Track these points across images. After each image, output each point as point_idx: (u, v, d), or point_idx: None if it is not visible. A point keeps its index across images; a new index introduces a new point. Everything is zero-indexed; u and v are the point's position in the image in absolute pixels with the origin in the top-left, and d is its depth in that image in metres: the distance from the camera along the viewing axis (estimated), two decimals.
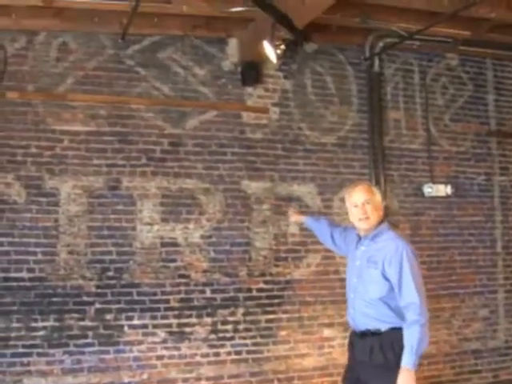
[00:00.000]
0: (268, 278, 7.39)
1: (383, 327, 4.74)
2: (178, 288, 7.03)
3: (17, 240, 6.56)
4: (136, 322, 6.86)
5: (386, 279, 4.71)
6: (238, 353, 7.21)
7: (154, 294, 6.95)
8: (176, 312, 7.01)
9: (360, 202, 4.88)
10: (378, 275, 4.74)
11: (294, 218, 6.54)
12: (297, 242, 7.49)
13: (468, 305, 8.32)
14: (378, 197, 4.96)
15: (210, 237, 7.21)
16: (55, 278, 6.64)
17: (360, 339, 4.90)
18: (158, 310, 6.94)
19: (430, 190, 8.09)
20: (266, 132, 7.56)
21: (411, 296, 4.58)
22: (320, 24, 7.09)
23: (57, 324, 6.59)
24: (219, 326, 7.15)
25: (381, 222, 4.94)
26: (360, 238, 5.06)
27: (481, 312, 8.40)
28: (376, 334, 4.76)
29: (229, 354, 7.17)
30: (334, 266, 7.59)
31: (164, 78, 7.24)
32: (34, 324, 6.52)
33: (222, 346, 7.16)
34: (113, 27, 6.98)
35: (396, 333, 4.65)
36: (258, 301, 7.33)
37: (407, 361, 4.50)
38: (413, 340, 4.49)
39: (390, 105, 8.18)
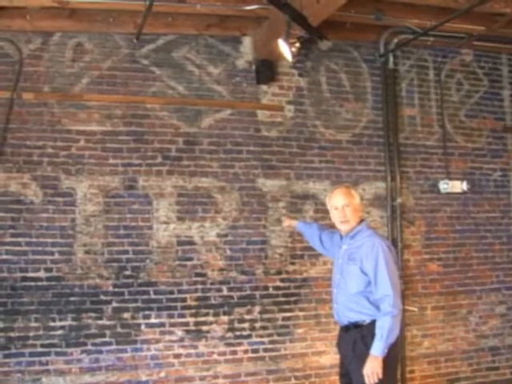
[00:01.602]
0: (284, 275, 7.40)
1: (364, 320, 5.05)
2: (194, 286, 7.05)
3: (34, 240, 6.61)
4: (153, 320, 6.89)
5: (365, 274, 5.03)
6: (254, 351, 7.22)
7: (171, 292, 6.97)
8: (193, 310, 7.03)
9: (340, 206, 5.25)
10: (357, 271, 5.06)
11: (287, 223, 6.66)
12: None
13: (485, 301, 8.29)
14: (357, 199, 5.33)
15: (226, 235, 7.22)
16: (72, 278, 6.68)
17: (345, 333, 5.24)
18: (175, 308, 6.97)
19: (445, 186, 8.07)
20: (281, 130, 7.56)
21: (385, 289, 4.90)
22: (334, 21, 7.10)
23: (74, 323, 6.64)
24: (236, 324, 7.17)
25: (360, 222, 5.29)
26: (342, 237, 5.41)
27: (498, 309, 8.36)
28: (358, 326, 5.08)
29: (246, 352, 7.19)
30: None
31: (179, 77, 7.26)
32: (51, 323, 6.57)
33: (239, 344, 7.18)
34: (127, 27, 7.02)
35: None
36: (275, 299, 7.34)
37: (376, 348, 4.85)
38: (383, 329, 4.83)
39: (404, 101, 8.16)
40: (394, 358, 5.10)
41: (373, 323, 4.95)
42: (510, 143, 8.65)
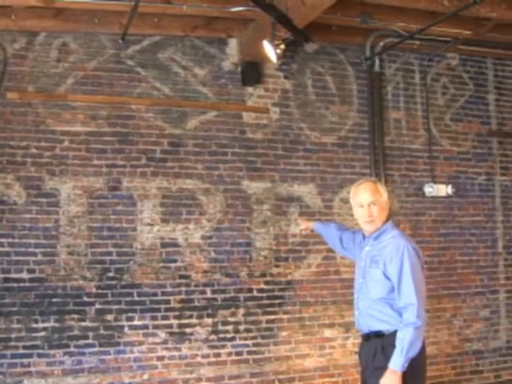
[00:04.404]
0: (269, 278, 7.39)
1: (386, 329, 4.60)
2: (178, 288, 7.03)
3: (17, 241, 6.56)
4: (136, 322, 6.85)
5: (388, 279, 4.58)
6: (238, 353, 7.20)
7: (155, 294, 6.94)
8: (176, 312, 7.00)
9: (366, 203, 4.75)
10: (380, 275, 4.62)
11: (304, 225, 6.10)
12: (297, 243, 7.48)
13: (469, 305, 8.31)
14: (385, 196, 4.80)
15: (210, 237, 7.20)
16: (55, 279, 6.63)
17: (366, 342, 4.81)
18: (159, 310, 6.94)
19: (430, 189, 8.08)
20: (266, 132, 7.55)
21: (409, 297, 4.44)
22: (320, 24, 7.08)
23: (57, 325, 6.59)
24: (220, 327, 7.15)
25: (386, 221, 4.80)
26: (364, 237, 4.96)
27: (482, 312, 8.38)
28: (379, 336, 4.63)
29: (229, 354, 7.17)
30: (335, 266, 7.61)
31: (164, 79, 7.24)
32: (34, 325, 6.52)
33: (223, 346, 7.15)
34: (113, 27, 6.99)
35: None
36: (259, 301, 7.32)
37: (395, 362, 4.40)
38: (404, 342, 4.38)
39: (390, 105, 8.16)
40: (419, 372, 4.62)
41: (395, 333, 4.48)
42: (495, 147, 8.68)
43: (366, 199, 4.75)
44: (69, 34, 6.95)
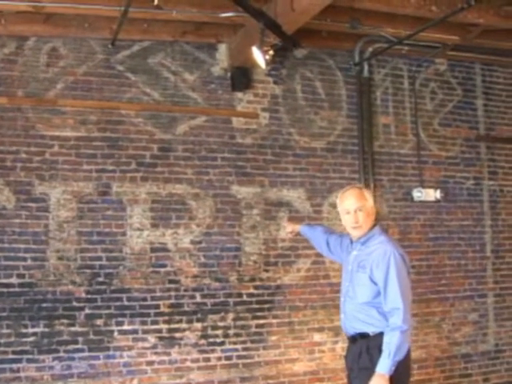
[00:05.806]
0: (258, 283, 7.40)
1: (371, 331, 4.68)
2: (168, 293, 7.03)
3: (6, 246, 6.55)
4: (126, 327, 6.85)
5: (374, 283, 4.67)
6: (228, 358, 7.20)
7: (144, 299, 6.94)
8: (166, 317, 7.00)
9: (352, 210, 4.82)
10: (367, 279, 4.70)
11: (290, 228, 6.12)
12: (287, 247, 7.50)
13: (458, 309, 8.34)
14: (370, 202, 4.89)
15: (199, 242, 7.21)
16: (45, 284, 6.62)
17: (352, 344, 4.89)
18: (148, 315, 6.94)
19: (419, 194, 8.11)
20: (255, 137, 7.57)
21: (395, 301, 4.54)
22: (310, 29, 7.13)
23: (46, 330, 6.58)
24: (209, 331, 7.15)
25: (373, 227, 4.88)
26: (352, 242, 5.03)
27: (470, 316, 8.42)
28: (364, 337, 4.72)
29: (219, 359, 7.17)
30: (324, 270, 7.63)
31: (154, 84, 7.25)
32: (23, 330, 6.50)
33: (212, 351, 7.15)
34: (103, 33, 6.99)
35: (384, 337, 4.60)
36: (248, 306, 7.33)
37: (382, 366, 4.48)
38: (391, 346, 4.46)
39: (379, 110, 8.20)
40: (404, 376, 4.71)
41: (380, 334, 4.59)
42: (483, 152, 8.73)
43: (351, 205, 4.84)
44: (58, 38, 6.95)
